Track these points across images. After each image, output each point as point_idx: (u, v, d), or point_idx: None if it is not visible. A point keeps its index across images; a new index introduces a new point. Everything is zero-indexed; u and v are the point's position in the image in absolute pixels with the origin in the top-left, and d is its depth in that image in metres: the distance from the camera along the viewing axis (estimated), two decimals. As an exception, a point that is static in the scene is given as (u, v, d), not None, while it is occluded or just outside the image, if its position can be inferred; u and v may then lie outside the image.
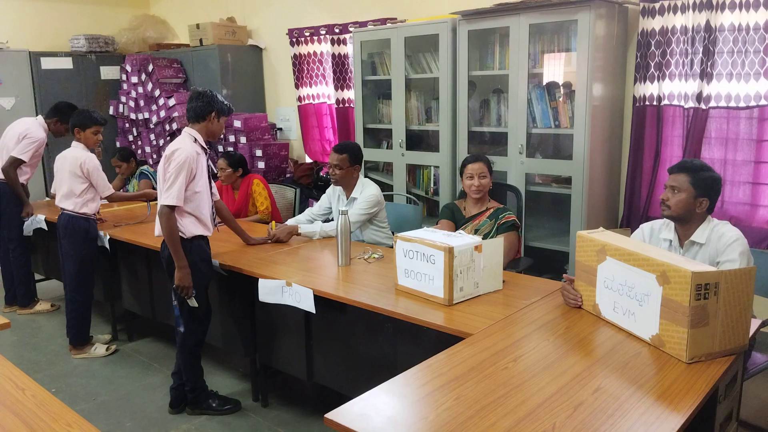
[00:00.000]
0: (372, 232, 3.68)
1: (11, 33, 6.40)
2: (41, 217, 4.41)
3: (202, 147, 3.04)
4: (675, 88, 3.69)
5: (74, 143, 3.90)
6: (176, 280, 2.94)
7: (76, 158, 3.81)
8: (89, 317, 4.03)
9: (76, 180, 3.81)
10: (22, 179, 4.46)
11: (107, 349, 4.02)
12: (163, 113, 6.12)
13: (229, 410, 3.27)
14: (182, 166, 2.87)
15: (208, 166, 3.11)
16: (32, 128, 4.44)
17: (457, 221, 3.39)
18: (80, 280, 3.89)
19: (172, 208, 2.90)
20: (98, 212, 4.05)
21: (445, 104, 4.31)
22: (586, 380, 1.80)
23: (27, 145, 4.38)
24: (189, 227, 2.99)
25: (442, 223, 3.39)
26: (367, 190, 3.64)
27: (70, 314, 3.96)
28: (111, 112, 6.84)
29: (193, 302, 3.01)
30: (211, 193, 3.15)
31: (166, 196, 2.89)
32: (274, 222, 3.73)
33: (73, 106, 4.53)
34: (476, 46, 4.18)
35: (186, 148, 2.92)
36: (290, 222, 3.81)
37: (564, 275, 2.46)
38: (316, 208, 3.92)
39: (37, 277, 5.07)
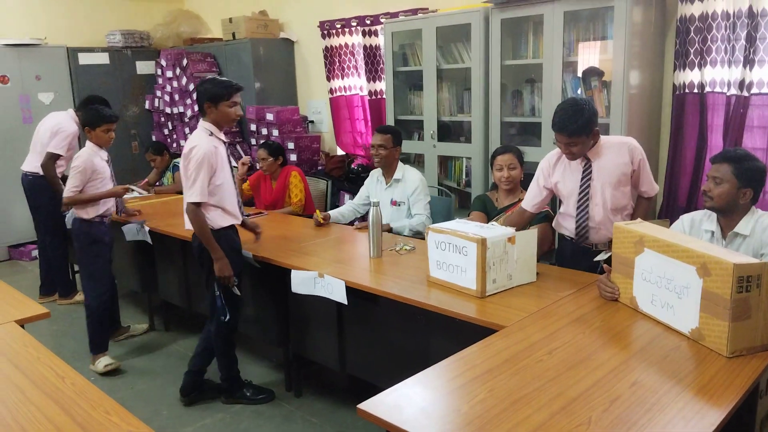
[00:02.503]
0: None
1: (49, 29, 6.53)
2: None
3: (220, 138, 3.05)
4: (717, 75, 3.58)
5: (87, 143, 3.73)
6: (216, 272, 2.98)
7: (74, 160, 3.70)
8: (104, 324, 3.81)
9: None
10: (58, 171, 4.55)
11: (105, 367, 3.70)
12: (197, 107, 6.18)
13: (263, 400, 3.31)
14: (201, 163, 2.90)
15: (228, 156, 3.13)
16: (63, 122, 4.52)
17: (489, 212, 3.36)
18: (90, 285, 3.76)
19: (197, 205, 2.93)
20: (118, 211, 4.00)
21: (477, 94, 4.26)
22: (623, 374, 1.76)
23: (61, 139, 4.46)
24: (216, 220, 3.02)
25: (473, 214, 3.36)
26: (412, 173, 3.79)
27: (86, 320, 3.78)
28: (147, 106, 6.95)
29: (236, 290, 3.06)
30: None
31: (190, 194, 2.93)
32: (318, 211, 3.83)
33: (103, 99, 4.60)
34: (509, 35, 4.12)
35: (202, 144, 2.93)
36: (332, 213, 3.91)
37: (604, 265, 2.42)
38: (357, 198, 4.02)
39: (77, 268, 5.19)
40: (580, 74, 3.85)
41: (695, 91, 3.66)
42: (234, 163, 5.46)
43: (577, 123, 2.65)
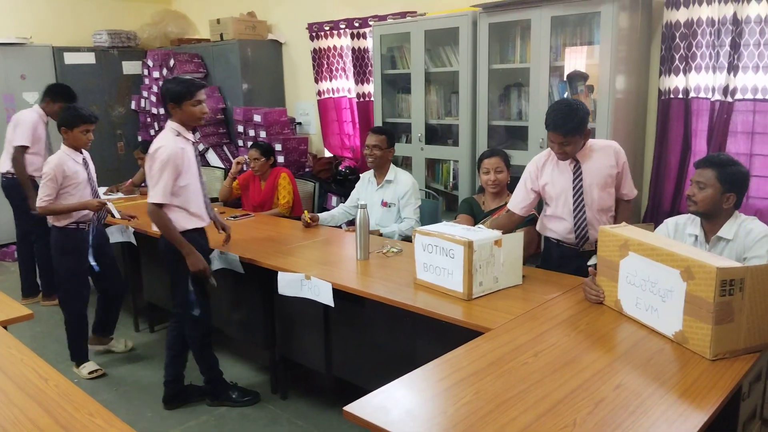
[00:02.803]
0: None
1: (35, 28, 6.47)
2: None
3: (188, 139, 3.02)
4: (701, 81, 3.62)
5: (61, 146, 3.56)
6: (190, 267, 2.97)
7: (45, 166, 3.51)
8: (82, 334, 3.72)
9: None
10: (30, 170, 4.49)
11: (89, 373, 3.67)
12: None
13: (248, 402, 3.29)
14: (165, 164, 2.87)
15: (197, 156, 3.09)
16: (22, 114, 4.54)
17: (476, 216, 3.37)
18: (64, 295, 3.67)
19: (159, 206, 2.91)
20: (99, 220, 3.68)
21: (464, 98, 4.27)
22: (608, 376, 1.78)
23: (23, 130, 4.46)
24: (181, 221, 2.99)
25: (460, 217, 3.37)
26: (405, 176, 3.81)
27: (65, 327, 3.70)
28: (133, 106, 6.90)
29: (212, 280, 3.06)
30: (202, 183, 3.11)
31: (151, 195, 2.91)
32: (306, 211, 3.84)
33: (64, 86, 4.55)
34: (497, 39, 4.14)
35: (168, 145, 2.91)
36: (322, 215, 3.90)
37: (589, 268, 2.43)
38: (349, 201, 4.02)
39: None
40: (566, 79, 3.88)
41: (680, 96, 3.70)
42: (217, 164, 5.45)
43: (573, 122, 2.69)
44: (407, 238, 3.62)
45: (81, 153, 3.62)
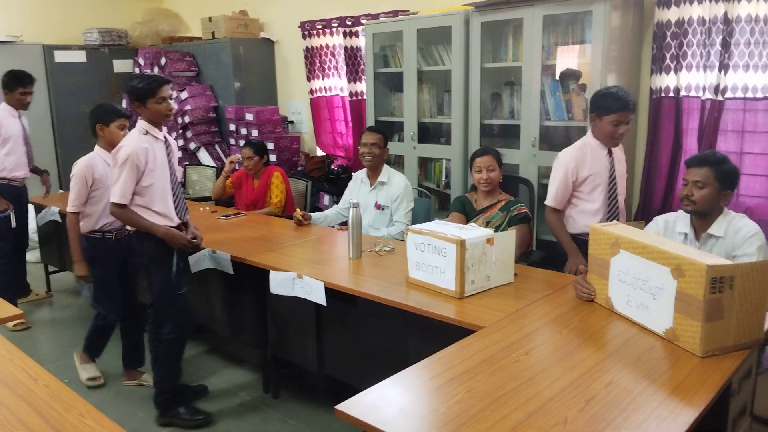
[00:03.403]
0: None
1: (25, 26, 6.43)
2: (55, 209, 4.43)
3: (156, 137, 2.94)
4: (692, 80, 3.64)
5: (95, 148, 3.39)
6: (174, 244, 2.93)
7: (73, 168, 3.35)
8: (102, 337, 3.60)
9: None
10: (13, 168, 4.39)
11: (87, 380, 3.58)
12: (175, 106, 6.12)
13: (199, 422, 3.10)
14: (124, 164, 2.82)
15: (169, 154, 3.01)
16: None
17: (468, 214, 3.37)
18: (95, 299, 3.51)
19: (120, 206, 2.87)
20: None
21: (457, 97, 4.28)
22: (599, 374, 1.78)
23: None
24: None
25: (453, 215, 3.37)
26: (399, 178, 3.80)
27: (93, 319, 3.59)
28: (124, 105, 6.85)
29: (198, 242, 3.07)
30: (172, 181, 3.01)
31: (112, 194, 2.89)
32: (298, 209, 3.83)
33: (12, 71, 4.39)
34: (489, 38, 4.14)
35: (130, 144, 2.86)
36: (315, 215, 3.90)
37: (580, 266, 2.44)
38: (342, 203, 4.02)
39: (51, 268, 5.11)
40: (558, 77, 3.89)
41: (671, 95, 3.72)
42: (209, 162, 5.42)
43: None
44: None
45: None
